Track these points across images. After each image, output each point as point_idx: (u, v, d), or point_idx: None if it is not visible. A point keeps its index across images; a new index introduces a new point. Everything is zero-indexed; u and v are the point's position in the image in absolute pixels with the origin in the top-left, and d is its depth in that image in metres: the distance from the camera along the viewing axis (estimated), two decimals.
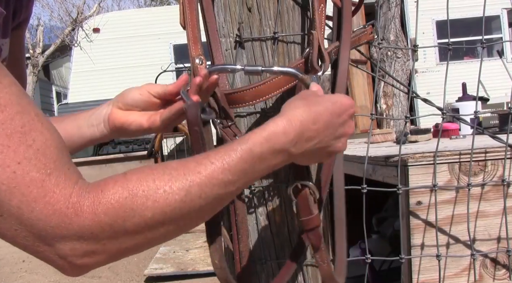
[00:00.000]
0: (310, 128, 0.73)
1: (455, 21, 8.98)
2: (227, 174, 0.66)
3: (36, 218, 0.58)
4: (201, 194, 0.65)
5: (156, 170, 0.65)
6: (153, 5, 22.19)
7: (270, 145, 0.69)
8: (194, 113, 0.81)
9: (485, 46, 1.40)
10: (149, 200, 0.62)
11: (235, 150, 0.68)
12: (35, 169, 0.58)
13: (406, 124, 1.42)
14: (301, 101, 0.75)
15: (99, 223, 0.60)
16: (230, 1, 1.01)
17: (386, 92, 5.84)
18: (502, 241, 1.44)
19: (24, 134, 0.58)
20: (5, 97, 0.58)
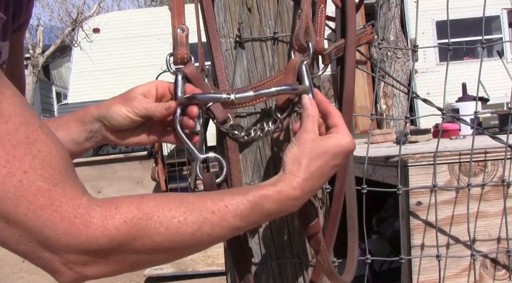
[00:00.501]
0: (315, 182, 0.77)
1: (455, 21, 8.98)
2: (237, 220, 0.70)
3: (43, 225, 0.58)
4: (210, 232, 0.68)
5: (174, 200, 0.68)
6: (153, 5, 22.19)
7: (280, 206, 0.74)
8: (209, 181, 0.86)
9: (485, 46, 1.40)
10: (162, 226, 0.65)
11: (250, 201, 0.71)
12: (41, 178, 0.58)
13: (406, 124, 1.42)
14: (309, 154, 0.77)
15: (108, 236, 0.61)
16: (230, 1, 1.01)
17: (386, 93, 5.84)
18: (502, 242, 1.44)
19: (29, 145, 0.59)
20: (9, 108, 0.59)
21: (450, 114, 1.88)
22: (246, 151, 1.03)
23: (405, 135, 2.30)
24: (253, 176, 1.03)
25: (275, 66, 1.01)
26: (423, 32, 9.25)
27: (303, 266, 1.07)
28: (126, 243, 0.62)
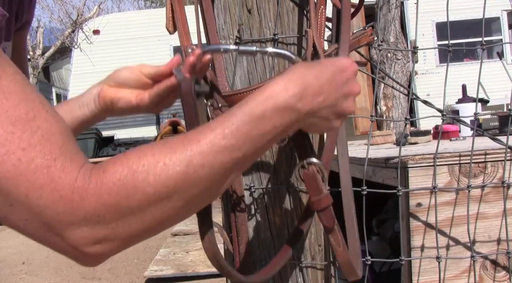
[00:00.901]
0: (313, 83, 0.70)
1: (455, 23, 8.99)
2: (229, 139, 0.64)
3: (44, 205, 0.57)
4: (204, 163, 0.62)
5: (156, 145, 0.64)
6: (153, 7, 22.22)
7: (272, 103, 0.66)
8: (188, 85, 0.79)
9: (485, 48, 1.40)
10: (150, 175, 0.60)
11: (235, 114, 0.65)
12: (40, 155, 0.57)
13: (406, 126, 1.42)
14: (299, 66, 0.73)
15: (103, 204, 0.59)
16: (230, 3, 1.01)
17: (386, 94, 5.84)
18: (502, 243, 1.44)
19: (29, 121, 0.58)
20: (9, 85, 0.58)
21: (450, 116, 1.88)
22: None
23: (405, 137, 2.30)
24: (253, 177, 1.03)
25: (275, 68, 1.01)
26: (423, 33, 9.26)
27: (303, 267, 1.07)
28: (122, 205, 0.60)
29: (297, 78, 0.69)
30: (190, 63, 0.83)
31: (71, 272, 4.88)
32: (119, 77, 0.95)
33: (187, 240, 5.36)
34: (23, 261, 5.45)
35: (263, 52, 0.87)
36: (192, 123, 0.79)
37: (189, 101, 0.79)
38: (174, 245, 5.21)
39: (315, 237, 1.07)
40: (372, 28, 1.04)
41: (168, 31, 0.93)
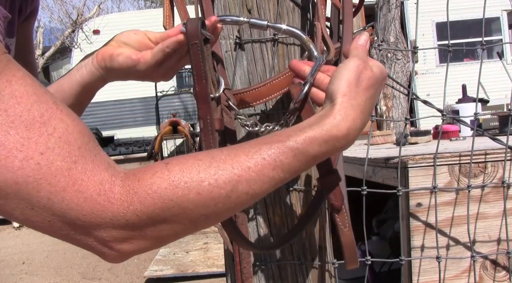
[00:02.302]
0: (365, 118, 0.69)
1: (455, 23, 8.99)
2: (278, 172, 0.63)
3: (68, 207, 0.56)
4: (248, 191, 0.62)
5: (202, 161, 0.62)
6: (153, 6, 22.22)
7: (328, 148, 0.66)
8: (195, 25, 0.78)
9: (485, 48, 1.40)
10: (191, 192, 0.59)
11: (290, 148, 0.64)
12: (59, 157, 0.56)
13: (406, 126, 1.42)
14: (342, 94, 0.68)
15: (134, 211, 0.58)
16: (230, 2, 1.01)
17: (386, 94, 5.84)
18: (502, 243, 1.44)
19: (44, 124, 0.57)
20: (20, 89, 0.57)
21: (450, 116, 1.88)
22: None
23: (405, 137, 2.30)
24: None
25: (275, 68, 1.01)
26: (423, 33, 9.26)
27: (303, 267, 1.07)
28: (156, 215, 0.59)
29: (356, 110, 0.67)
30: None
31: (71, 272, 4.88)
32: (121, 35, 0.93)
33: (187, 240, 5.36)
34: (23, 261, 5.45)
35: (274, 27, 0.86)
36: (198, 67, 0.78)
37: (195, 44, 0.78)
38: (174, 245, 5.20)
39: (315, 237, 1.07)
40: (372, 28, 1.04)
41: (164, 29, 0.92)
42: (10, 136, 0.55)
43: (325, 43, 0.91)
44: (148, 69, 0.89)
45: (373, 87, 0.70)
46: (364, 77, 0.69)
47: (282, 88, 0.93)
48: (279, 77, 0.93)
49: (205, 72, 0.79)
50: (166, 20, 0.92)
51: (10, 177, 0.55)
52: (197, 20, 0.79)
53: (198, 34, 0.78)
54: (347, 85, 0.68)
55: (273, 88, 0.93)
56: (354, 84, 0.68)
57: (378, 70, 0.72)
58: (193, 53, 0.79)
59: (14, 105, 0.56)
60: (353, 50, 0.74)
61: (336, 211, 0.82)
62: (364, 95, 0.69)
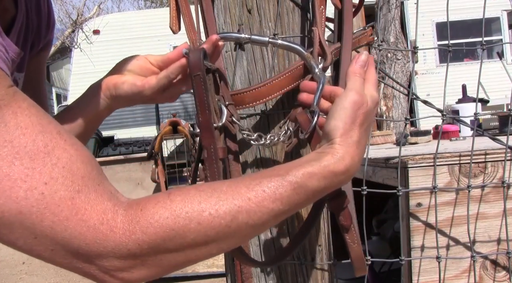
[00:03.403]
0: (362, 153, 0.72)
1: (455, 23, 8.99)
2: (278, 204, 0.65)
3: (71, 236, 0.57)
4: (248, 221, 0.63)
5: (204, 191, 0.63)
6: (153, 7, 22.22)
7: (327, 183, 0.68)
8: (197, 56, 0.79)
9: (485, 48, 1.40)
10: (192, 222, 0.61)
11: (290, 182, 0.65)
12: (63, 187, 0.57)
13: (406, 126, 1.42)
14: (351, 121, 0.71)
15: (136, 240, 0.59)
16: (230, 3, 1.01)
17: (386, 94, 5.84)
18: (502, 243, 1.44)
19: (48, 154, 0.58)
20: (25, 120, 0.58)
21: (450, 116, 1.88)
22: (246, 152, 1.03)
23: (405, 137, 2.30)
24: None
25: (275, 68, 1.01)
26: (423, 33, 9.26)
27: (303, 267, 1.07)
28: (157, 245, 0.60)
29: (355, 148, 0.70)
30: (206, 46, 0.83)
31: (71, 272, 4.88)
32: (123, 62, 0.94)
33: None
34: (23, 261, 5.44)
35: (275, 43, 0.87)
36: (201, 98, 0.79)
37: (198, 75, 0.79)
38: None
39: (315, 237, 1.07)
40: (372, 28, 1.04)
41: (172, 30, 0.92)
42: (15, 167, 0.56)
43: (322, 49, 0.91)
44: (154, 94, 0.91)
45: (367, 121, 0.73)
46: (360, 113, 0.72)
47: (282, 88, 0.93)
48: (279, 77, 0.93)
49: (208, 103, 0.80)
50: (172, 21, 0.92)
51: (15, 207, 0.56)
52: (199, 51, 0.80)
53: (200, 65, 0.79)
54: (343, 126, 0.71)
55: (273, 88, 0.93)
56: (350, 123, 0.71)
57: (372, 102, 0.74)
58: (196, 85, 0.80)
59: (19, 136, 0.57)
60: (351, 78, 0.75)
61: (346, 230, 0.85)
62: (360, 131, 0.71)
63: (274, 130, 1.01)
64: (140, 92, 0.91)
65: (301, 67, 0.94)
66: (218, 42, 0.86)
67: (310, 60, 0.86)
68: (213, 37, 0.85)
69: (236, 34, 0.90)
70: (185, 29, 0.91)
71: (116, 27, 9.89)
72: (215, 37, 0.85)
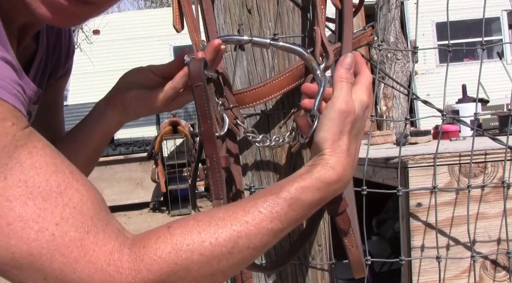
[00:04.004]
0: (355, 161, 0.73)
1: (455, 23, 8.99)
2: (276, 223, 0.65)
3: (79, 279, 0.58)
4: (249, 245, 0.64)
5: (202, 221, 0.63)
6: (153, 7, 22.22)
7: (322, 194, 0.69)
8: (197, 67, 0.79)
9: (485, 48, 1.40)
10: (194, 254, 0.61)
11: (284, 198, 0.66)
12: (73, 228, 0.58)
13: (406, 126, 1.42)
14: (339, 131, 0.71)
15: (142, 279, 0.59)
16: (230, 2, 1.01)
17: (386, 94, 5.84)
18: (502, 243, 1.44)
19: (60, 194, 0.59)
20: (40, 160, 0.59)
21: (450, 116, 1.88)
22: (246, 152, 1.03)
23: (405, 137, 2.30)
24: (253, 177, 1.03)
25: (275, 68, 1.01)
26: (423, 33, 9.26)
27: (303, 267, 1.07)
28: (162, 281, 0.60)
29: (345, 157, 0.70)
30: (200, 55, 0.83)
31: None
32: (127, 76, 0.94)
33: None
34: None
35: (276, 45, 0.87)
36: (203, 108, 0.79)
37: (199, 85, 0.79)
38: None
39: (315, 237, 1.07)
40: (372, 28, 1.04)
41: (175, 29, 0.92)
42: (28, 207, 0.57)
43: (324, 49, 0.91)
44: (161, 105, 0.91)
45: (356, 127, 0.72)
46: (347, 122, 0.71)
47: (282, 88, 0.93)
48: (279, 77, 0.93)
49: (210, 113, 0.80)
50: (175, 20, 0.92)
51: (26, 248, 0.56)
52: (200, 61, 0.80)
53: (201, 76, 0.79)
54: (330, 137, 0.71)
55: (273, 88, 0.93)
56: (338, 133, 0.71)
57: (360, 108, 0.73)
58: (197, 95, 0.80)
59: (33, 176, 0.58)
60: (336, 85, 0.74)
61: (344, 234, 0.85)
62: (348, 139, 0.71)
63: (274, 131, 1.01)
64: (148, 105, 0.92)
65: (301, 67, 0.94)
66: (220, 46, 0.85)
67: (311, 62, 0.86)
68: (215, 41, 0.85)
69: (238, 37, 0.90)
70: (188, 31, 0.91)
71: (116, 27, 9.90)
72: (217, 42, 0.85)
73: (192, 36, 0.90)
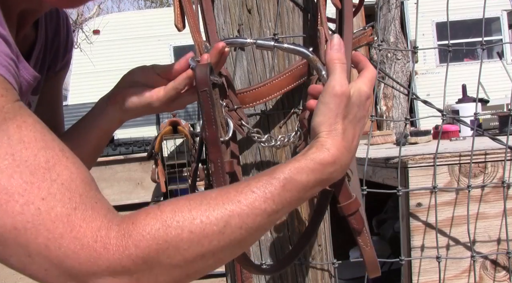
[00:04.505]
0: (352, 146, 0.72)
1: (455, 23, 8.99)
2: (270, 204, 0.63)
3: (64, 255, 0.56)
4: (242, 225, 0.62)
5: (193, 199, 0.62)
6: (153, 6, 22.22)
7: (318, 176, 0.67)
8: (204, 72, 0.79)
9: (485, 48, 1.40)
10: (184, 231, 0.59)
11: (278, 178, 0.65)
12: (60, 204, 0.57)
13: (406, 126, 1.42)
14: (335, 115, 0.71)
15: (129, 256, 0.57)
16: (230, 2, 1.01)
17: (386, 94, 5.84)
18: (502, 243, 1.44)
19: (48, 170, 0.57)
20: (29, 135, 0.58)
21: (450, 116, 1.88)
22: (246, 152, 1.03)
23: (405, 137, 2.30)
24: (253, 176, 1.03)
25: (275, 68, 1.01)
26: (423, 33, 9.25)
27: (303, 267, 1.07)
28: (151, 258, 0.58)
29: (340, 141, 0.69)
30: (206, 57, 0.83)
31: None
32: (130, 74, 0.94)
33: None
34: None
35: (281, 47, 0.87)
36: (208, 114, 0.79)
37: (204, 91, 0.78)
38: None
39: (315, 237, 1.07)
40: (372, 28, 1.04)
41: (176, 28, 0.92)
42: (14, 180, 0.56)
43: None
44: (162, 105, 0.91)
45: (352, 112, 0.72)
46: (342, 105, 0.71)
47: (282, 88, 0.93)
48: (279, 77, 0.93)
49: (215, 118, 0.80)
50: (177, 19, 0.92)
51: (10, 222, 0.55)
52: (206, 66, 0.80)
53: (207, 81, 0.79)
54: (326, 120, 0.70)
55: (273, 88, 0.93)
56: (334, 116, 0.70)
57: (357, 95, 0.73)
58: (202, 100, 0.79)
59: (21, 150, 0.57)
60: (330, 68, 0.74)
61: (358, 233, 0.85)
62: (343, 122, 0.71)
63: (274, 131, 1.01)
64: (149, 104, 0.91)
65: (301, 67, 0.94)
66: (224, 49, 0.85)
67: (316, 63, 0.86)
68: (219, 45, 0.84)
69: (242, 39, 0.90)
70: (190, 31, 0.91)
71: (116, 27, 9.89)
72: (222, 45, 0.84)
73: (195, 37, 0.90)
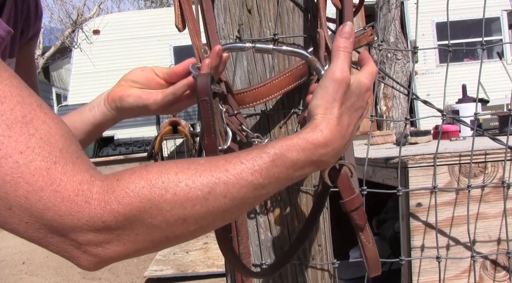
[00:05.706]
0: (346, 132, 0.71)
1: (455, 23, 9.00)
2: (257, 176, 0.63)
3: (44, 207, 0.56)
4: (226, 194, 0.62)
5: (181, 164, 0.62)
6: (153, 6, 22.23)
7: (308, 155, 0.67)
8: (205, 81, 0.79)
9: (485, 48, 1.40)
10: (168, 192, 0.59)
11: (268, 152, 0.65)
12: (39, 157, 0.56)
13: (406, 126, 1.42)
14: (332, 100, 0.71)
15: (111, 211, 0.57)
16: (230, 2, 1.01)
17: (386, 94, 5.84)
18: (502, 243, 1.44)
19: (26, 124, 0.57)
20: (5, 89, 0.57)
21: (450, 116, 1.88)
22: None
23: (405, 137, 2.30)
24: None
25: (275, 68, 1.01)
26: (423, 33, 9.26)
27: (303, 267, 1.07)
28: (133, 216, 0.58)
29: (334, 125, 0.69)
30: (207, 62, 0.83)
31: (71, 272, 4.88)
32: (130, 74, 0.94)
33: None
34: (23, 261, 5.44)
35: (279, 50, 0.87)
36: (208, 123, 0.79)
37: (205, 100, 0.79)
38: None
39: (315, 237, 1.07)
40: (372, 28, 1.04)
41: (177, 28, 0.92)
42: None
43: (328, 52, 0.91)
44: (159, 108, 0.91)
45: (349, 99, 0.72)
46: (341, 90, 0.71)
47: (282, 88, 0.93)
48: (279, 77, 0.93)
49: (214, 127, 0.81)
50: (177, 19, 0.93)
51: None
52: (207, 76, 0.80)
53: (208, 91, 0.79)
54: (323, 104, 0.70)
55: (273, 88, 0.93)
56: (331, 101, 0.70)
57: (356, 85, 0.73)
58: (203, 109, 0.80)
59: None
60: (334, 54, 0.74)
61: (360, 230, 0.85)
62: (340, 108, 0.70)
63: (274, 131, 1.01)
64: (146, 106, 0.91)
65: (301, 67, 0.94)
66: (222, 53, 0.85)
67: (315, 64, 0.86)
68: (216, 48, 0.84)
69: (240, 44, 0.90)
70: (189, 35, 0.91)
71: (116, 27, 9.90)
72: (218, 48, 0.84)
73: (194, 41, 0.91)
